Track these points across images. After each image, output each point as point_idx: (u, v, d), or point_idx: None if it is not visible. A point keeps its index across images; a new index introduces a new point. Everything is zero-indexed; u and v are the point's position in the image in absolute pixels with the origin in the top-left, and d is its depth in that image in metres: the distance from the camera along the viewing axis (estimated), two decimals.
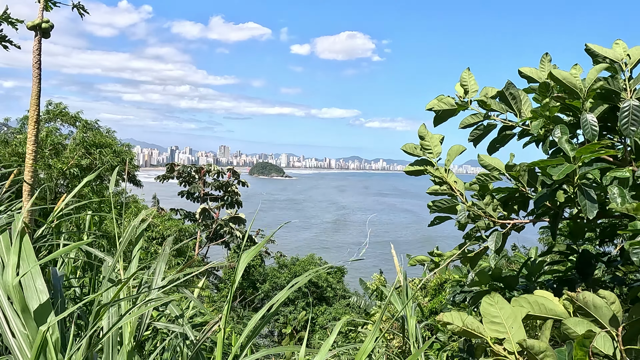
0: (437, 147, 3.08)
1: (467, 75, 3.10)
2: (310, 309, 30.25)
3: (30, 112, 3.65)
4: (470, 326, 1.73)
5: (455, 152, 3.13)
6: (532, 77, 2.98)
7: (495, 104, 3.01)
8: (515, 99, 2.95)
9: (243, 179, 39.79)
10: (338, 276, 35.29)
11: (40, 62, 3.69)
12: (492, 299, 1.71)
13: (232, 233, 36.75)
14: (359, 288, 24.29)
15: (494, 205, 2.91)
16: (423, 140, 3.10)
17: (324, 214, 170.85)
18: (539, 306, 1.76)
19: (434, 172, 3.06)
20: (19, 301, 1.99)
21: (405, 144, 3.19)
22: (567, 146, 2.50)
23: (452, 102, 3.10)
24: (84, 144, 22.14)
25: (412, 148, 3.18)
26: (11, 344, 1.95)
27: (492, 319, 1.70)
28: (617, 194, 2.41)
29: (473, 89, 3.08)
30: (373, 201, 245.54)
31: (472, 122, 3.12)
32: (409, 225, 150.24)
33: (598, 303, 1.65)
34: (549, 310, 1.76)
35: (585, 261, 3.38)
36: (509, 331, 1.67)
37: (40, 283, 2.10)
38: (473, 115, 3.11)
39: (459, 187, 3.04)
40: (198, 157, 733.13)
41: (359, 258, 3.25)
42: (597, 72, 2.61)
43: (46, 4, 3.79)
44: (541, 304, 1.76)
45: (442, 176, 3.03)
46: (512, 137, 3.11)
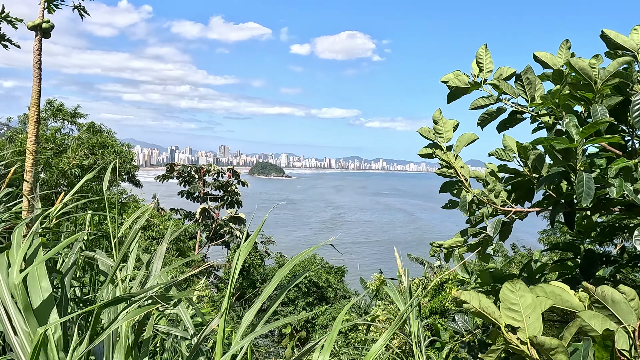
0: (449, 132, 3.14)
1: (484, 52, 3.06)
2: (311, 308, 30.25)
3: (30, 112, 3.66)
4: (486, 309, 1.68)
5: (465, 140, 3.17)
6: (547, 63, 2.94)
7: (508, 87, 2.98)
8: (530, 84, 2.93)
9: (243, 179, 39.81)
10: (338, 276, 35.30)
11: (40, 62, 3.69)
12: (513, 285, 1.65)
13: (232, 233, 36.76)
14: (359, 288, 24.29)
15: (497, 192, 2.93)
16: (436, 124, 3.17)
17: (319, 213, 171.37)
18: (554, 296, 1.72)
19: (442, 155, 3.12)
20: (22, 299, 2.01)
21: (422, 127, 3.29)
22: (573, 130, 2.47)
23: (466, 81, 3.09)
24: (87, 144, 22.17)
25: (426, 132, 3.25)
26: (13, 341, 1.98)
27: (511, 305, 1.64)
28: (615, 183, 2.41)
29: (488, 69, 3.05)
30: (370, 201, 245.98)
31: (483, 105, 3.14)
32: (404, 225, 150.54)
33: (617, 298, 1.60)
34: (565, 301, 1.72)
35: (589, 261, 3.37)
36: (526, 321, 1.61)
37: (45, 282, 2.13)
38: (484, 98, 3.11)
39: (464, 172, 3.09)
40: (198, 157, 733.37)
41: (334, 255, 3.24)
42: (618, 65, 2.53)
43: (48, 6, 3.79)
44: (557, 294, 1.72)
45: (449, 160, 3.09)
46: (522, 120, 3.10)
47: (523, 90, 2.95)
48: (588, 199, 2.38)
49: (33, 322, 2.01)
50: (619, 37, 2.65)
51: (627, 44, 2.64)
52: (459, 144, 3.18)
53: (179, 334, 2.90)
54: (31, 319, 2.01)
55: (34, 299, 2.08)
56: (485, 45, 3.07)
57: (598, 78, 2.56)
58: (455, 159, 3.11)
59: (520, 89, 2.97)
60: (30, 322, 2.00)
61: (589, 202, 2.37)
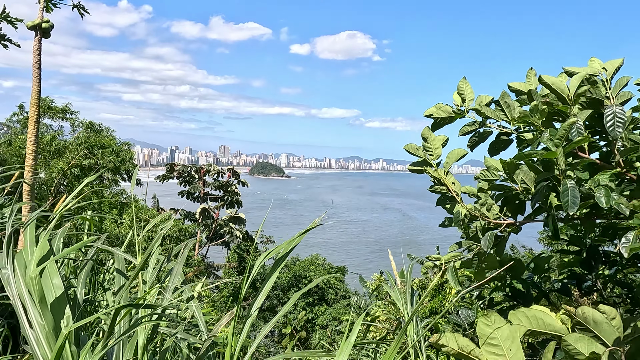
0: (438, 149, 3.22)
1: (464, 84, 3.25)
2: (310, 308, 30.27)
3: (30, 112, 3.65)
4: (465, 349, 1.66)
5: (455, 156, 3.26)
6: (521, 90, 3.17)
7: (490, 112, 3.17)
8: (509, 107, 3.11)
9: (243, 179, 39.80)
10: (339, 276, 35.30)
11: (40, 62, 3.69)
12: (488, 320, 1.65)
13: (232, 233, 36.74)
14: (359, 288, 24.25)
15: (488, 206, 3.02)
16: (425, 142, 3.23)
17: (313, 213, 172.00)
18: (537, 321, 1.71)
19: (432, 173, 3.18)
20: (38, 292, 2.13)
21: (408, 144, 3.32)
22: (549, 143, 2.63)
23: (449, 110, 3.25)
24: (86, 144, 22.15)
25: (413, 149, 3.30)
26: (28, 334, 2.11)
27: (490, 340, 1.64)
28: (602, 194, 2.51)
29: (469, 98, 3.23)
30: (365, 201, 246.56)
31: (470, 130, 3.28)
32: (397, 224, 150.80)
33: (598, 319, 1.59)
34: (548, 325, 1.70)
35: (592, 256, 3.51)
36: (507, 354, 1.60)
37: (57, 280, 2.25)
38: (470, 124, 3.26)
39: (456, 188, 3.15)
40: (198, 157, 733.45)
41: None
42: (578, 79, 2.79)
43: (47, 5, 3.79)
44: (539, 318, 1.70)
45: (440, 177, 3.16)
46: (510, 142, 3.27)
47: (503, 112, 3.14)
48: (574, 207, 2.48)
49: (48, 316, 2.13)
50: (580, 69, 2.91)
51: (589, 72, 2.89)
52: (448, 160, 3.26)
53: (179, 335, 2.91)
54: (46, 312, 2.13)
55: (47, 295, 2.19)
56: (464, 78, 3.28)
57: (569, 91, 2.80)
58: (446, 175, 3.19)
59: (500, 112, 3.16)
60: (45, 315, 2.12)
61: (575, 211, 2.48)
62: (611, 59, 2.96)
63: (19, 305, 2.16)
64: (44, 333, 2.09)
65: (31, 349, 2.10)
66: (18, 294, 2.18)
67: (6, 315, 2.89)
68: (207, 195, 38.37)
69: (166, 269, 3.05)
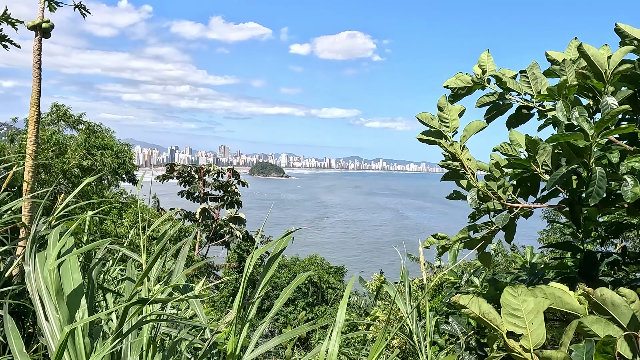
0: (455, 120, 2.92)
1: (486, 57, 3.00)
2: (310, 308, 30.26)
3: (30, 112, 3.65)
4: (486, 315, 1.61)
5: (474, 128, 2.98)
6: (558, 61, 2.90)
7: (513, 83, 2.92)
8: (536, 79, 2.86)
9: (243, 179, 39.79)
10: (338, 276, 35.30)
11: (40, 62, 3.69)
12: (515, 290, 1.58)
13: (232, 233, 36.73)
14: (359, 287, 24.21)
15: (505, 187, 2.80)
16: (441, 112, 2.93)
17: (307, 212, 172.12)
18: (555, 298, 1.65)
19: (447, 146, 2.90)
20: (55, 283, 2.21)
21: (421, 113, 3.02)
22: (586, 125, 2.40)
23: (468, 80, 2.99)
24: (86, 145, 22.14)
25: (427, 118, 3.00)
26: (44, 327, 2.19)
27: (513, 311, 1.57)
28: (630, 186, 2.32)
29: (491, 70, 2.98)
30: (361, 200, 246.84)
31: (488, 102, 3.03)
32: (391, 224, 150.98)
33: (617, 301, 1.53)
34: (565, 304, 1.65)
35: (589, 262, 3.30)
36: (529, 327, 1.55)
37: (77, 274, 2.35)
38: (489, 95, 3.02)
39: (471, 165, 2.89)
40: (198, 157, 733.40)
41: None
42: (622, 53, 2.49)
43: (49, 5, 3.79)
44: (557, 296, 1.65)
45: (455, 152, 2.87)
46: (529, 117, 3.02)
47: (528, 85, 2.89)
48: (597, 198, 2.32)
49: (64, 308, 2.20)
50: (634, 31, 2.63)
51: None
52: (466, 133, 2.96)
53: (179, 335, 2.91)
54: (62, 304, 2.20)
55: (66, 288, 2.28)
56: (488, 51, 3.02)
57: (607, 67, 2.52)
58: (462, 150, 2.90)
59: (525, 84, 2.92)
60: (61, 307, 2.19)
61: (596, 201, 2.32)
62: None
63: (36, 298, 2.24)
64: (59, 325, 2.17)
65: (46, 340, 2.18)
66: (37, 287, 2.27)
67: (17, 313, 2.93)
68: (207, 195, 38.36)
69: (166, 270, 3.06)
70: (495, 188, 2.80)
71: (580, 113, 2.51)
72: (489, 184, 2.83)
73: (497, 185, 2.80)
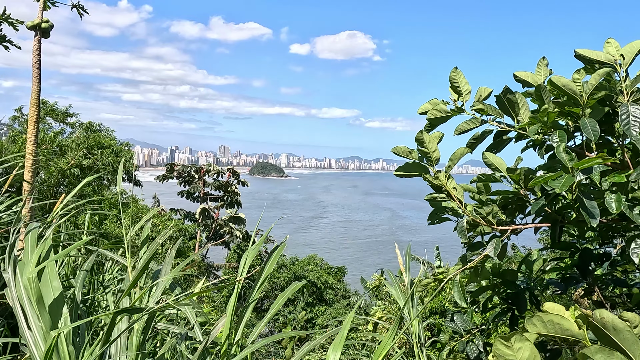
0: (436, 152, 2.86)
1: (457, 75, 2.94)
2: (309, 308, 30.27)
3: (30, 112, 3.65)
4: None
5: (458, 156, 2.93)
6: (528, 82, 2.93)
7: (492, 109, 2.89)
8: (513, 104, 2.84)
9: (243, 179, 39.78)
10: (339, 276, 35.32)
11: (40, 62, 3.69)
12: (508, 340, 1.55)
13: (232, 233, 36.73)
14: (359, 287, 24.22)
15: (494, 213, 2.80)
16: (422, 145, 2.85)
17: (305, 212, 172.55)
18: (554, 326, 1.60)
19: (432, 180, 2.84)
20: (35, 293, 2.17)
21: (397, 147, 2.90)
22: (565, 156, 2.43)
23: (445, 109, 2.94)
24: (86, 145, 22.15)
25: (405, 152, 2.89)
26: (27, 336, 2.15)
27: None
28: (613, 199, 2.40)
29: (466, 91, 2.94)
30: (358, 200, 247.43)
31: (468, 129, 2.97)
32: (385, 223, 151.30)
33: (619, 326, 1.43)
34: (565, 330, 1.59)
35: (585, 258, 3.40)
36: None
37: (56, 282, 2.30)
38: (469, 121, 2.97)
39: (458, 194, 2.84)
40: (198, 157, 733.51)
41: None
42: (599, 76, 2.50)
43: (45, 4, 3.79)
44: (557, 323, 1.60)
45: (442, 184, 2.83)
46: (508, 141, 3.02)
47: (507, 111, 2.87)
48: (595, 221, 2.35)
49: (45, 317, 2.16)
50: (594, 53, 2.66)
51: (603, 58, 2.64)
52: (451, 163, 2.91)
53: (178, 334, 2.91)
54: (44, 313, 2.16)
55: (46, 297, 2.24)
56: (456, 68, 2.96)
57: (583, 92, 2.54)
58: (447, 179, 2.84)
59: (503, 111, 2.90)
60: (43, 316, 2.16)
61: (596, 223, 2.35)
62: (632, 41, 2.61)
63: (17, 308, 2.20)
64: (42, 334, 2.12)
65: (29, 350, 2.13)
66: (17, 296, 2.22)
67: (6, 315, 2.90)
68: (207, 195, 38.35)
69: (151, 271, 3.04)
70: (485, 214, 2.80)
71: (560, 138, 2.52)
72: (477, 209, 2.82)
73: (486, 211, 2.80)
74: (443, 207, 2.96)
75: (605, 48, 2.67)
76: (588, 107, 2.58)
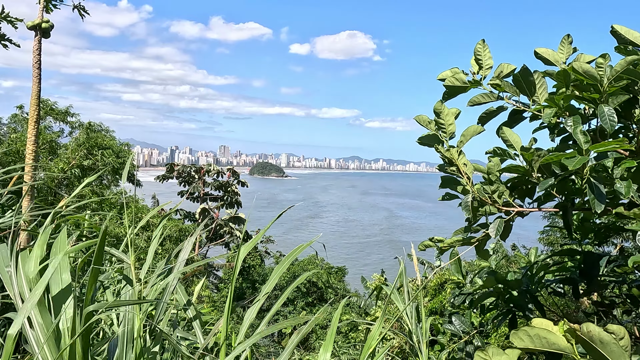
0: (452, 125, 2.90)
1: (482, 48, 2.91)
2: (309, 308, 30.25)
3: (30, 112, 3.65)
4: None
5: (471, 133, 2.94)
6: (549, 60, 2.85)
7: (509, 86, 2.85)
8: (530, 84, 2.79)
9: (243, 179, 39.78)
10: (339, 276, 35.30)
11: (40, 62, 3.69)
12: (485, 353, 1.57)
13: (232, 233, 36.72)
14: (359, 287, 24.19)
15: (500, 192, 2.78)
16: (438, 117, 2.91)
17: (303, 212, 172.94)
18: (540, 340, 1.60)
19: (443, 152, 2.88)
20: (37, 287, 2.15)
21: (419, 115, 3.01)
22: (582, 137, 2.39)
23: (464, 79, 2.93)
24: (86, 145, 22.14)
25: (425, 122, 2.99)
26: (28, 334, 2.15)
27: None
28: (623, 185, 2.37)
29: (487, 65, 2.91)
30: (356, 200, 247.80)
31: (482, 102, 2.96)
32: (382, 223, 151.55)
33: (605, 339, 1.46)
34: (552, 344, 1.59)
35: (590, 263, 3.29)
36: None
37: (66, 275, 2.32)
38: (484, 95, 2.95)
39: (467, 170, 2.86)
40: (198, 157, 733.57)
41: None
42: (626, 64, 2.39)
43: (46, 6, 3.79)
44: (543, 337, 1.60)
45: (452, 157, 2.85)
46: (522, 120, 2.97)
47: (524, 91, 2.83)
48: (601, 206, 2.32)
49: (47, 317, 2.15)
50: (630, 33, 2.56)
51: (638, 40, 2.54)
52: (463, 139, 2.94)
53: (179, 334, 2.91)
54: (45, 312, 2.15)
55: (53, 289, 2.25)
56: (483, 40, 2.93)
57: (605, 77, 2.46)
58: (458, 155, 2.87)
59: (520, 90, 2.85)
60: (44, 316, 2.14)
61: (602, 208, 2.32)
62: None
63: (20, 305, 2.18)
64: (44, 332, 2.12)
65: (31, 348, 2.12)
66: (19, 292, 2.21)
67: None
68: (207, 195, 38.35)
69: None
70: (491, 192, 2.78)
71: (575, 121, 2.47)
72: (485, 188, 2.80)
73: (492, 189, 2.78)
74: (454, 180, 2.95)
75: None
76: (607, 94, 2.49)
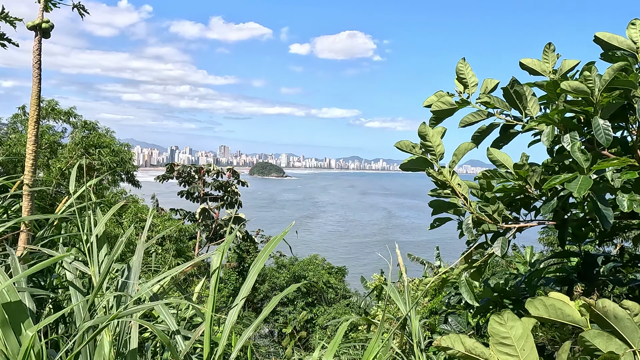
0: (440, 146, 2.78)
1: (464, 66, 2.85)
2: (310, 308, 30.26)
3: (30, 112, 3.65)
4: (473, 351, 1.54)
5: (463, 151, 2.85)
6: (535, 69, 2.81)
7: (499, 101, 2.80)
8: (520, 96, 2.73)
9: (243, 179, 39.76)
10: (339, 276, 35.30)
11: (40, 62, 3.68)
12: (501, 317, 1.53)
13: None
14: (359, 287, 24.20)
15: (499, 210, 2.72)
16: (424, 139, 2.77)
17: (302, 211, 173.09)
18: (555, 310, 1.58)
19: (436, 175, 2.76)
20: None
21: (400, 141, 2.85)
22: (581, 156, 2.36)
23: (451, 102, 2.84)
24: (83, 144, 22.09)
25: (409, 147, 2.84)
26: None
27: (502, 340, 1.51)
28: (625, 197, 2.35)
29: (472, 83, 2.84)
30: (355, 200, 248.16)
31: (473, 121, 2.88)
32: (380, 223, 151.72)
33: (620, 314, 1.45)
34: (567, 316, 1.57)
35: (588, 264, 3.29)
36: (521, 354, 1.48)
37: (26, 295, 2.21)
38: (474, 114, 2.87)
39: (462, 190, 2.76)
40: (198, 157, 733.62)
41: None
42: (613, 72, 2.35)
43: (46, 5, 3.79)
44: (558, 308, 1.58)
45: (446, 179, 2.74)
46: (515, 135, 2.91)
47: (514, 104, 2.76)
48: (610, 222, 2.31)
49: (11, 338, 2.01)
50: (614, 39, 2.52)
51: (624, 45, 2.51)
52: (455, 158, 2.83)
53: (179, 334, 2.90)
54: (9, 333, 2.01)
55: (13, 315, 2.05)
56: (464, 59, 2.87)
57: (595, 89, 2.41)
58: (451, 176, 2.75)
59: (510, 104, 2.79)
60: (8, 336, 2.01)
61: (610, 224, 2.30)
62: None
63: None
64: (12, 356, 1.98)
65: None
66: None
67: None
68: (206, 195, 38.32)
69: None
70: (490, 211, 2.72)
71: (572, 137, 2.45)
72: (483, 207, 2.74)
73: (492, 209, 2.72)
74: (447, 204, 2.85)
75: (628, 31, 2.52)
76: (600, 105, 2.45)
